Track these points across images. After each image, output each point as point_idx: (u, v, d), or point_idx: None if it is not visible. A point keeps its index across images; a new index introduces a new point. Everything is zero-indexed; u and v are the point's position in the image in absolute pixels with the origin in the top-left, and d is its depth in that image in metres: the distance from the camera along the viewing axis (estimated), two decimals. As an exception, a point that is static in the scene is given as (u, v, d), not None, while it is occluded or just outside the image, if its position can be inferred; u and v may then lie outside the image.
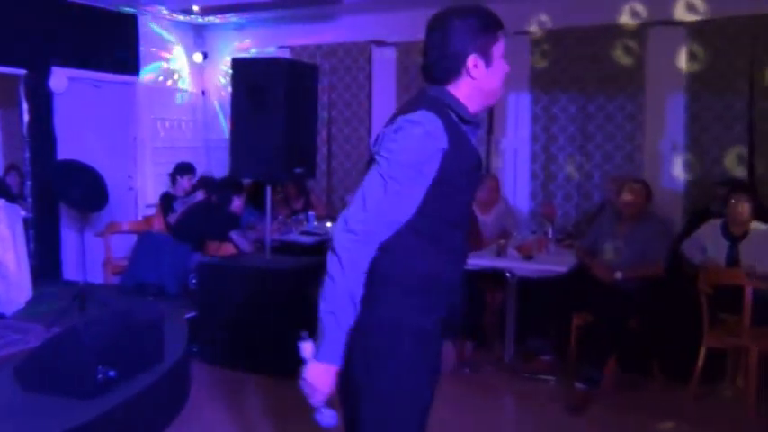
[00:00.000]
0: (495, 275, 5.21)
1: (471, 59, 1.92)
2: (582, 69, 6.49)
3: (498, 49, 1.95)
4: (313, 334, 1.94)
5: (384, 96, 7.47)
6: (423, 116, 1.84)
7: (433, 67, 1.97)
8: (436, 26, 1.96)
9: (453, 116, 1.92)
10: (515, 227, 6.13)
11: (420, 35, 2.06)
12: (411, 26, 6.99)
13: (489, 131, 6.98)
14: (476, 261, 5.12)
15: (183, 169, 7.12)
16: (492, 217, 6.09)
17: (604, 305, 4.71)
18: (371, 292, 1.90)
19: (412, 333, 1.94)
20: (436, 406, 2.12)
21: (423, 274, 1.93)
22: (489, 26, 1.94)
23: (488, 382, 4.99)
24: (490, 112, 6.92)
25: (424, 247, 1.92)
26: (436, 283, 1.96)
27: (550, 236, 5.58)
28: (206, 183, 7.01)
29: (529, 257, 5.09)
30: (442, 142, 1.84)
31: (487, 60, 1.93)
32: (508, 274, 5.07)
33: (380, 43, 7.39)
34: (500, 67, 1.97)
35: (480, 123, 2.08)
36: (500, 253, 5.19)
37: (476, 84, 1.94)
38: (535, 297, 5.18)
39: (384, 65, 7.41)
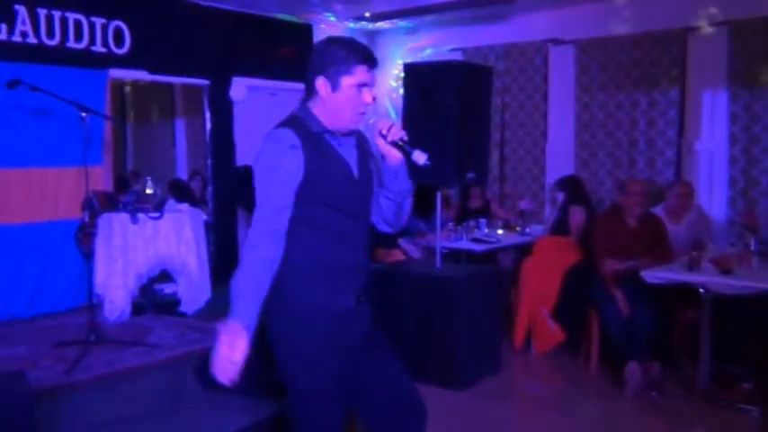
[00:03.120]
0: (687, 291, 4.76)
1: (319, 81, 2.23)
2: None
3: (349, 79, 2.21)
4: None
5: (562, 98, 7.13)
6: (276, 133, 2.21)
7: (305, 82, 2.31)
8: (315, 48, 2.30)
9: (311, 127, 2.24)
10: (710, 238, 5.62)
11: (602, 31, 1.84)
12: (591, 22, 6.67)
13: (680, 133, 6.47)
14: (664, 275, 4.71)
15: None
16: (683, 227, 5.62)
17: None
18: (278, 283, 2.19)
19: (320, 317, 2.24)
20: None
21: (320, 262, 2.24)
22: (346, 58, 2.21)
23: (678, 409, 4.55)
24: (681, 111, 6.42)
25: (316, 237, 2.23)
26: (335, 268, 2.27)
27: (753, 248, 5.01)
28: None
29: (727, 272, 4.59)
30: (297, 148, 2.17)
31: (334, 86, 2.22)
32: (702, 290, 4.60)
33: (558, 42, 7.03)
34: (351, 95, 2.22)
35: (347, 133, 2.33)
36: (693, 266, 4.72)
37: (325, 102, 2.24)
38: (733, 316, 4.69)
39: (562, 64, 7.07)
